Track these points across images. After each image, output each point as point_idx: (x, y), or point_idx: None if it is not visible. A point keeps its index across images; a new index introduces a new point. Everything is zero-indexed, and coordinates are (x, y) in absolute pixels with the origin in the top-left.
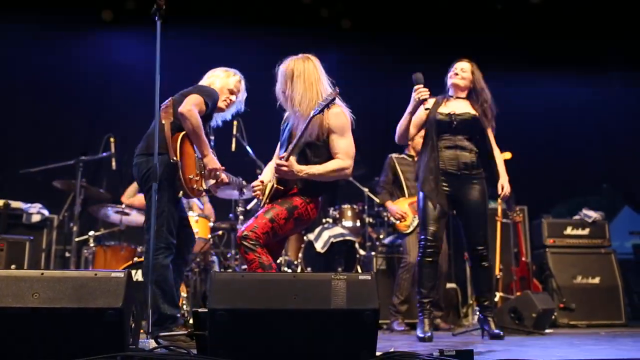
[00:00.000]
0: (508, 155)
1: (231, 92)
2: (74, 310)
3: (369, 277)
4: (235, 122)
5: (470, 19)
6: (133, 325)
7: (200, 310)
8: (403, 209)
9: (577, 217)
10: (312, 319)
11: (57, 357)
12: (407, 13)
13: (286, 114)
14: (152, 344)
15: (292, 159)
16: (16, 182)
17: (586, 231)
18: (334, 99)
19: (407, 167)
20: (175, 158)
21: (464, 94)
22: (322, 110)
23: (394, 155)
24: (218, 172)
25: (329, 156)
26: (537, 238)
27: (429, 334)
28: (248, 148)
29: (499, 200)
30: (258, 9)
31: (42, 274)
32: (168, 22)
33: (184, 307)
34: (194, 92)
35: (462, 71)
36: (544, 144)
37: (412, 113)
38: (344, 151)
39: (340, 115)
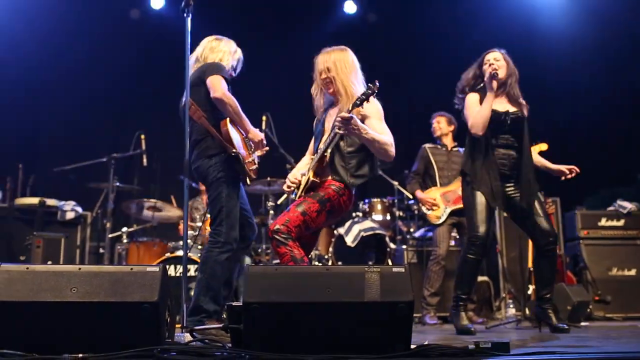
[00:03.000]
0: (544, 146)
1: (234, 69)
2: (110, 304)
3: (402, 270)
4: (264, 118)
5: None
6: (169, 319)
7: (234, 304)
8: (434, 198)
9: (611, 208)
10: (346, 311)
11: (95, 351)
12: None
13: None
14: (187, 337)
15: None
16: (50, 180)
17: (621, 222)
18: (374, 92)
19: (440, 157)
20: (235, 150)
21: (503, 86)
22: (361, 103)
23: (427, 145)
24: (264, 141)
25: (361, 145)
26: (571, 230)
27: (472, 327)
28: (277, 143)
29: None
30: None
31: (80, 268)
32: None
33: None
34: (210, 73)
35: (496, 61)
36: (576, 134)
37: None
38: (387, 132)
39: (374, 102)
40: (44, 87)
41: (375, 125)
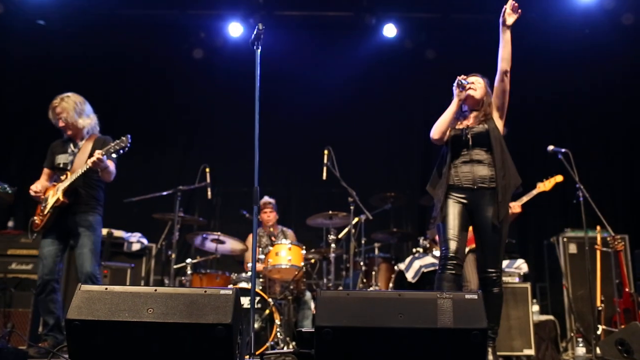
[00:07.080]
0: (559, 177)
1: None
2: (185, 325)
3: (475, 297)
4: (326, 152)
5: None
6: (240, 341)
7: (304, 330)
8: None
9: None
10: (418, 337)
11: None
12: None
13: None
14: None
15: None
16: (117, 212)
17: None
18: None
19: None
20: None
21: (478, 107)
22: None
23: None
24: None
25: None
26: None
27: None
28: (339, 177)
29: (598, 228)
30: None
31: (156, 290)
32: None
33: (278, 334)
34: None
35: (472, 83)
36: None
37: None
38: None
39: None
40: (110, 119)
41: None
